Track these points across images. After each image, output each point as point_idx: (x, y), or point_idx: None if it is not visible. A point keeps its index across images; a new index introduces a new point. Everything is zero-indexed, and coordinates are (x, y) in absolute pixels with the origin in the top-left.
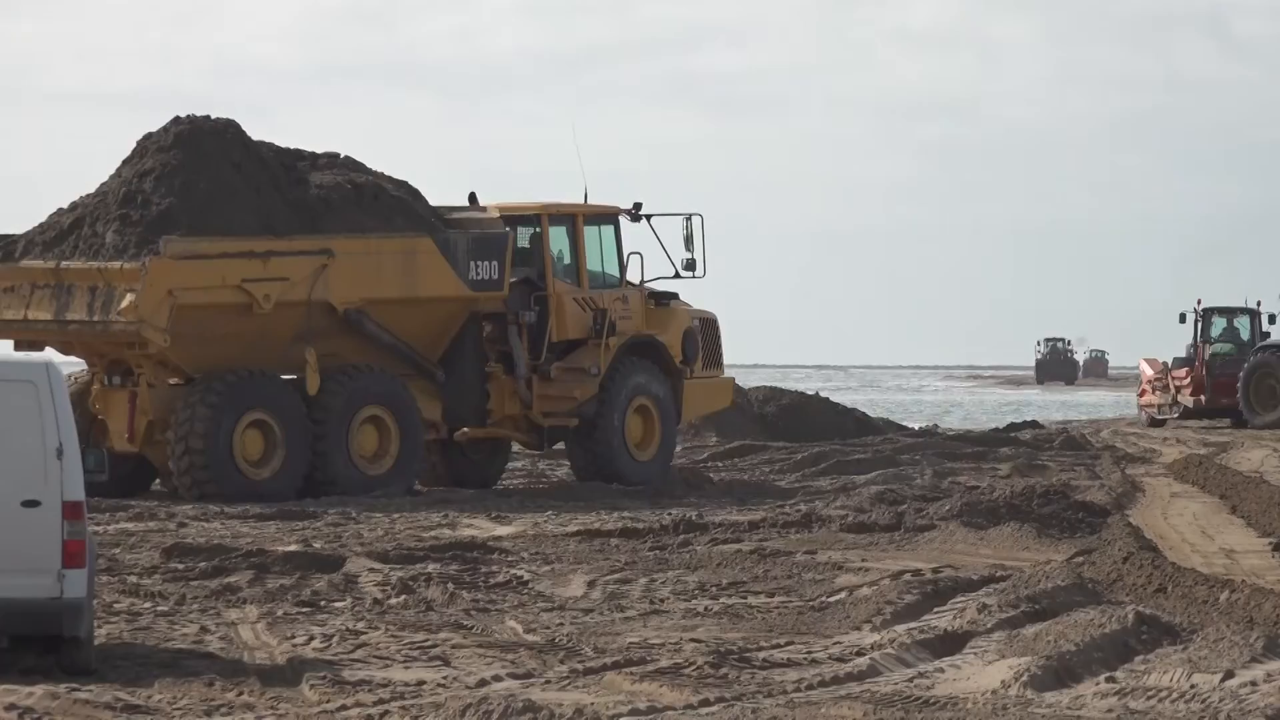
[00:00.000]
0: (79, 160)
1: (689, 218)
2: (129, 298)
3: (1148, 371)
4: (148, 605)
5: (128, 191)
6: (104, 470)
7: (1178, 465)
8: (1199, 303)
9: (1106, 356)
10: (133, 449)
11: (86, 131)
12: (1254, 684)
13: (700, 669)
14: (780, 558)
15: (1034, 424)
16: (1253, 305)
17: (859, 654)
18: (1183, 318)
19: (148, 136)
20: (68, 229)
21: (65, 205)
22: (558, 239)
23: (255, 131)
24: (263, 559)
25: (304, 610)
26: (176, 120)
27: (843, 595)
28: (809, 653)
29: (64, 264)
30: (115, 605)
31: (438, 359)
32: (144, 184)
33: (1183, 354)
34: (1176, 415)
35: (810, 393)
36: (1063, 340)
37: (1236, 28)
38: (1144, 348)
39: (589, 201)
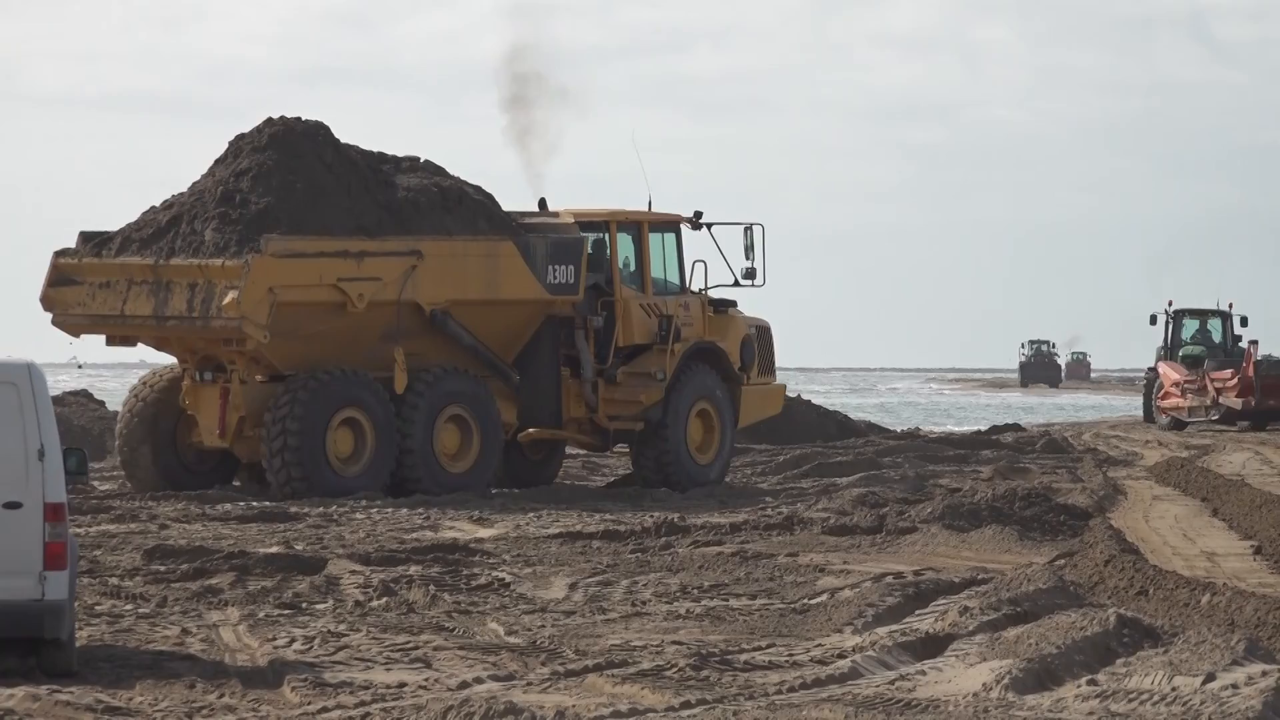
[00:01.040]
0: (61, 166)
1: (749, 227)
2: (231, 294)
3: (1172, 374)
4: (129, 607)
5: (225, 190)
6: (85, 471)
7: (1159, 468)
8: (1170, 304)
9: (1089, 359)
10: (223, 444)
11: (71, 134)
12: (1235, 687)
13: (682, 671)
14: (762, 560)
15: (1016, 427)
16: (1224, 307)
17: (840, 656)
18: (1153, 320)
19: (240, 137)
20: (165, 226)
21: (158, 204)
22: (624, 246)
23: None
24: (244, 561)
25: (285, 612)
26: (269, 121)
27: (824, 598)
28: (790, 655)
29: (163, 260)
30: (97, 607)
31: (512, 361)
32: (241, 183)
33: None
34: (1215, 417)
35: (792, 395)
36: (1047, 343)
37: (1219, 31)
38: (1129, 350)
39: (653, 209)
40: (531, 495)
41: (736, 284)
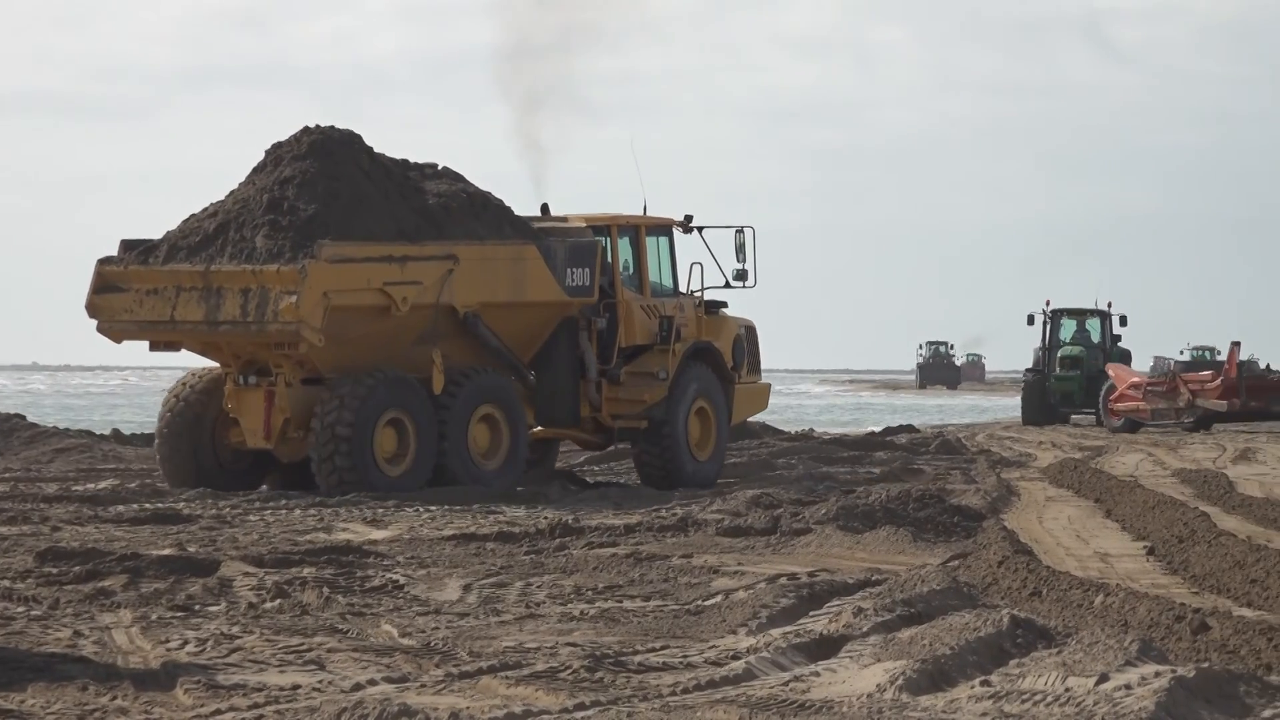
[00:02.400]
0: None
1: (740, 230)
2: (288, 299)
3: (1128, 376)
4: (20, 609)
5: (272, 198)
6: None
7: (1053, 469)
8: (1047, 304)
9: (983, 360)
10: (267, 446)
11: None
12: (1128, 687)
13: (576, 673)
14: (656, 561)
15: (910, 428)
16: (1103, 307)
17: (735, 658)
18: (1030, 320)
19: (278, 146)
20: (213, 234)
21: (197, 211)
22: (622, 249)
23: (141, 134)
24: (137, 563)
25: (178, 614)
26: (307, 130)
27: (718, 599)
28: (685, 656)
29: (214, 267)
30: None
31: (528, 361)
32: (287, 191)
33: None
34: (1190, 420)
35: None
36: (945, 344)
37: (1113, 33)
38: (1025, 351)
39: (647, 214)
40: (425, 496)
41: (728, 285)
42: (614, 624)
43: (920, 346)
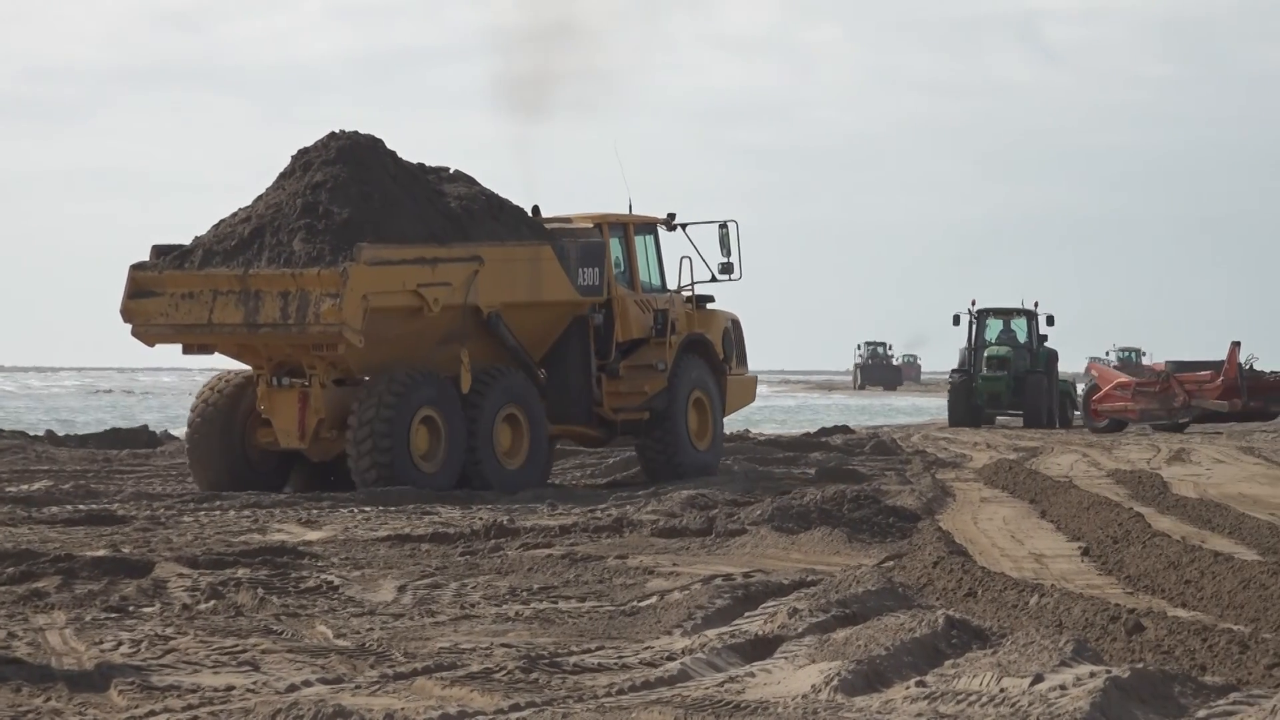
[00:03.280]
0: None
1: (724, 224)
2: (329, 302)
3: (1113, 375)
4: None
5: (306, 203)
6: None
7: (988, 470)
8: (973, 304)
9: (919, 361)
10: (301, 446)
11: None
12: (1063, 688)
13: (511, 674)
14: (591, 562)
15: (845, 429)
16: (1029, 306)
17: (670, 659)
18: (956, 320)
19: (305, 151)
20: (248, 238)
21: (227, 216)
22: (614, 247)
23: (74, 134)
24: (71, 564)
25: (112, 616)
26: (333, 135)
27: (654, 600)
28: (620, 657)
29: (252, 271)
30: None
31: (539, 360)
32: (320, 195)
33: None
34: (1185, 420)
35: None
36: (883, 344)
37: (1048, 33)
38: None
39: (633, 212)
40: (360, 498)
41: (714, 279)
42: (549, 625)
43: (859, 347)
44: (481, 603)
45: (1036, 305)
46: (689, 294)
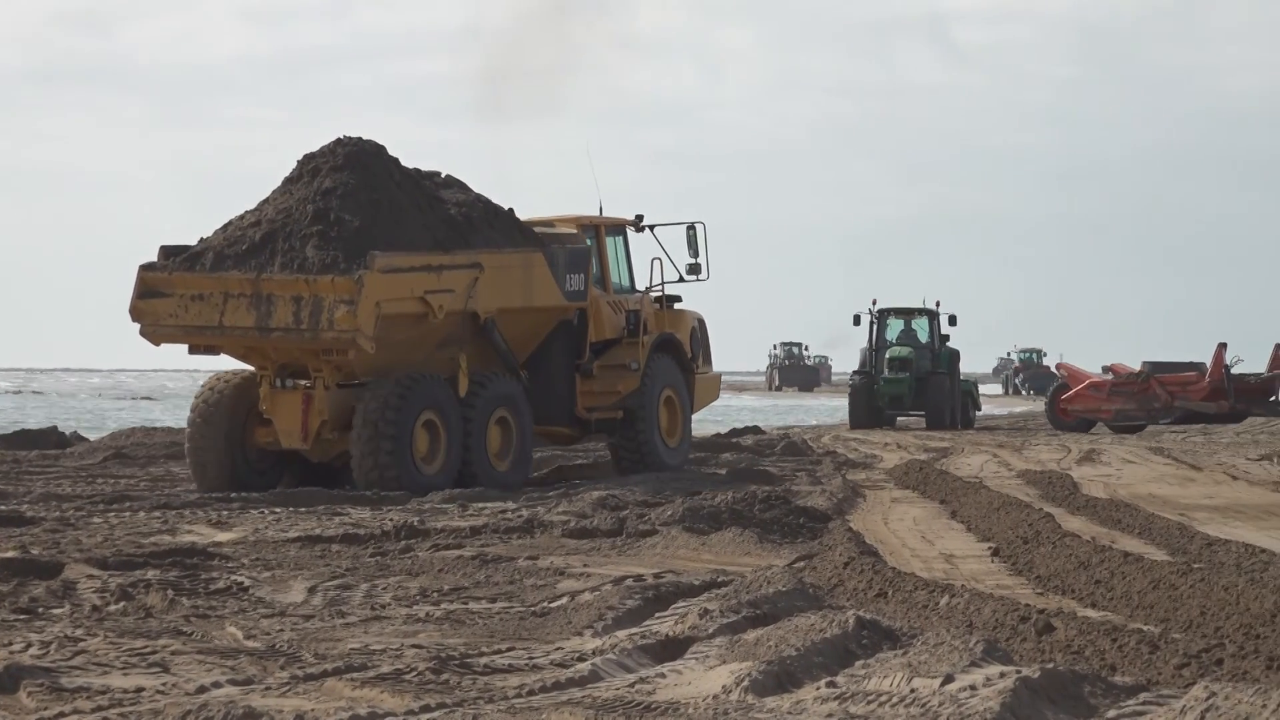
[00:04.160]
0: None
1: (691, 226)
2: (344, 308)
3: (1085, 375)
4: None
5: (317, 209)
6: None
7: (898, 470)
8: (874, 304)
9: (829, 362)
10: (304, 447)
11: None
12: (973, 688)
13: (421, 675)
14: (502, 563)
15: (756, 429)
16: (931, 305)
17: (581, 659)
18: (857, 320)
19: (311, 157)
20: (260, 243)
21: (237, 217)
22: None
23: None
24: None
25: (21, 617)
26: (339, 142)
27: (564, 601)
28: (531, 658)
29: (264, 275)
30: None
31: (522, 364)
32: (331, 202)
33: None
34: (1167, 420)
35: None
36: (799, 345)
37: (956, 34)
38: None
39: (604, 214)
40: (269, 499)
41: (682, 280)
42: (460, 626)
43: (774, 348)
44: (392, 604)
45: (938, 305)
46: (658, 294)
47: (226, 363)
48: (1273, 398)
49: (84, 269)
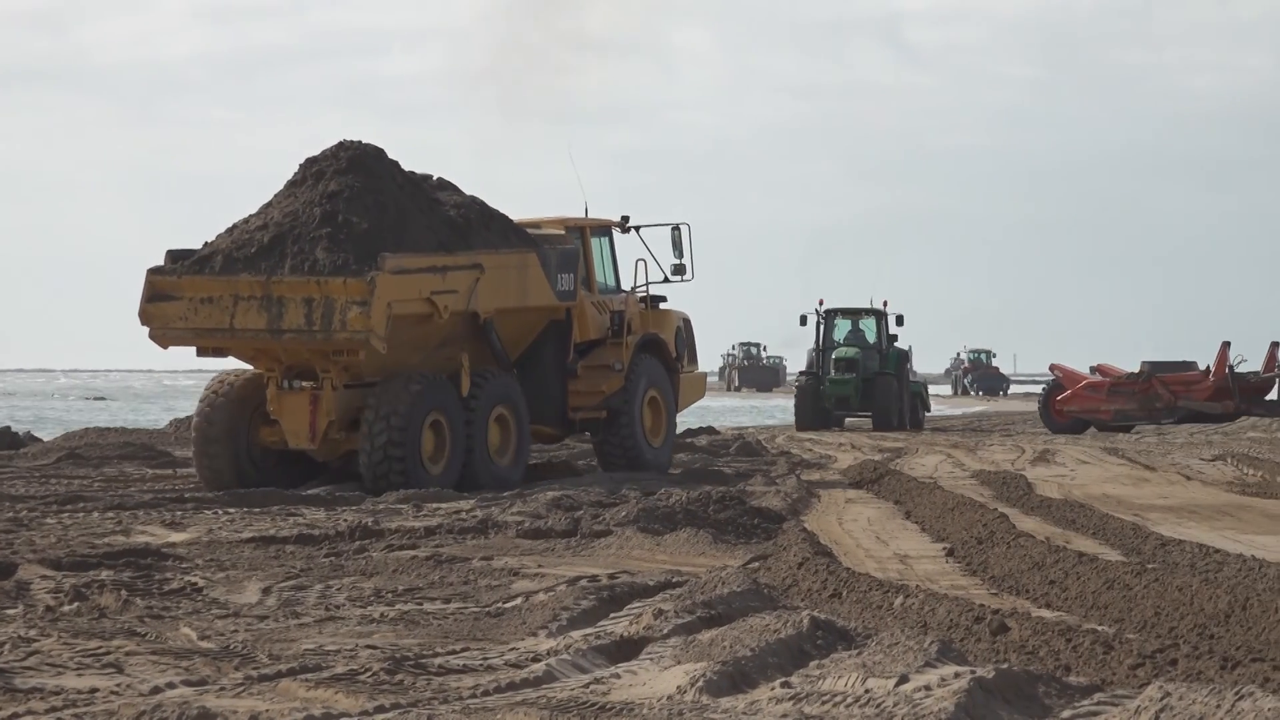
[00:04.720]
0: None
1: (676, 227)
2: (356, 310)
3: (1080, 376)
4: None
5: (325, 212)
6: None
7: (853, 471)
8: (820, 303)
9: (784, 362)
10: (311, 447)
11: None
12: (928, 688)
13: (376, 675)
14: (456, 564)
15: (710, 430)
16: (879, 306)
17: (535, 660)
18: (804, 320)
19: (314, 160)
20: (269, 245)
21: (241, 221)
22: None
23: None
24: None
25: None
26: (342, 145)
27: (519, 601)
28: (485, 659)
29: (275, 278)
30: None
31: (514, 362)
32: (337, 205)
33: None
34: (1170, 420)
35: None
36: (757, 345)
37: (909, 35)
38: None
39: (589, 215)
40: (224, 500)
41: (667, 280)
42: (414, 626)
43: (732, 348)
44: (346, 604)
45: (886, 304)
46: (643, 294)
47: (191, 360)
48: (1269, 396)
49: (40, 270)
